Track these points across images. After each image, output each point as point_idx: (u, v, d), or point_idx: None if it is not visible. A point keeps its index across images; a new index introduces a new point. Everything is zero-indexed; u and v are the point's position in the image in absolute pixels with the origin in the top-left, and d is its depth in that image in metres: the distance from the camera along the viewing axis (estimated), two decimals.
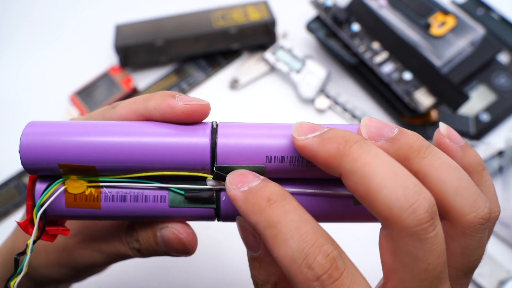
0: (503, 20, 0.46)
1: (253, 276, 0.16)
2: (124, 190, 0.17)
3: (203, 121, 0.18)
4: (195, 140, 0.17)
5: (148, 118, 0.17)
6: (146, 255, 0.19)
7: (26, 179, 0.40)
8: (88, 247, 0.20)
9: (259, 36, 0.45)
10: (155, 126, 0.17)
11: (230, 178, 0.16)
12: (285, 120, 0.47)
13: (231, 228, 0.35)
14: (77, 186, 0.17)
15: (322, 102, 0.43)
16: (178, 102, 0.17)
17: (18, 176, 0.41)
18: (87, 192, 0.17)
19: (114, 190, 0.17)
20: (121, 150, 0.16)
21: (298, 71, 0.43)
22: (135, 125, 0.17)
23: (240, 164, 0.17)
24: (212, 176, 0.17)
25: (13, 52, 0.48)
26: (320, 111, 0.43)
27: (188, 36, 0.44)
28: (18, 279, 0.17)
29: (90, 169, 0.17)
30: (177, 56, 0.45)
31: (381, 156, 0.13)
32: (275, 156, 0.17)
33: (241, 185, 0.15)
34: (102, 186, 0.17)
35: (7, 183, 0.40)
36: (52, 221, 0.18)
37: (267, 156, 0.17)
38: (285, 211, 0.14)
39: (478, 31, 0.41)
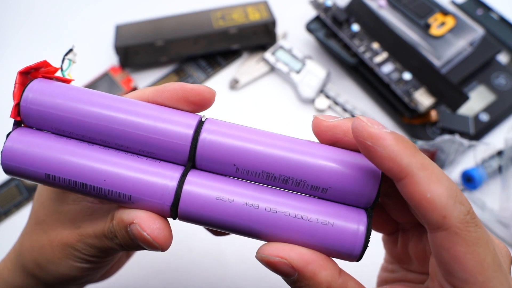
0: (503, 20, 0.46)
1: None
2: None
3: (196, 113, 0.18)
4: (178, 129, 0.17)
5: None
6: (130, 249, 0.19)
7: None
8: (84, 241, 0.20)
9: (259, 37, 0.45)
10: (146, 107, 0.17)
11: (365, 119, 0.15)
12: (285, 120, 0.47)
13: None
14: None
15: (322, 102, 0.43)
16: (186, 84, 0.17)
17: None
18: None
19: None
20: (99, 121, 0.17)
21: (298, 71, 0.44)
22: (126, 101, 0.17)
23: (217, 165, 0.17)
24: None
25: (13, 52, 0.48)
26: (320, 111, 0.43)
27: (188, 37, 0.44)
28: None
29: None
30: (177, 57, 0.45)
31: (436, 166, 0.15)
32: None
33: (382, 126, 0.15)
34: None
35: (7, 183, 0.40)
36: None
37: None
38: (428, 157, 0.15)
39: (477, 31, 0.41)
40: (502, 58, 0.44)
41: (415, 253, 0.19)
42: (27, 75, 0.18)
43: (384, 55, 0.41)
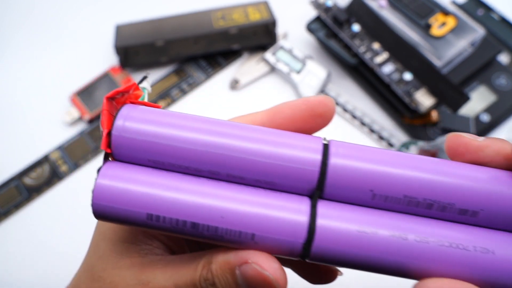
0: (503, 20, 0.46)
1: None
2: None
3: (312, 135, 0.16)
4: (304, 154, 0.14)
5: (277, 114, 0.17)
6: None
7: (27, 180, 0.40)
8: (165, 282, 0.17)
9: (260, 37, 0.45)
10: (264, 132, 0.15)
11: None
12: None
13: None
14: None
15: None
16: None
17: (19, 176, 0.41)
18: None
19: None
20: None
21: (298, 72, 0.43)
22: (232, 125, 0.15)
23: (350, 193, 0.15)
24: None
25: (13, 52, 0.48)
26: None
27: (188, 37, 0.44)
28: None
29: None
30: (177, 57, 0.45)
31: None
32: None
33: None
34: None
35: (8, 183, 0.40)
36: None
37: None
38: None
39: (478, 31, 0.41)
40: (503, 58, 0.44)
41: None
42: (113, 100, 0.15)
43: (384, 56, 0.40)
